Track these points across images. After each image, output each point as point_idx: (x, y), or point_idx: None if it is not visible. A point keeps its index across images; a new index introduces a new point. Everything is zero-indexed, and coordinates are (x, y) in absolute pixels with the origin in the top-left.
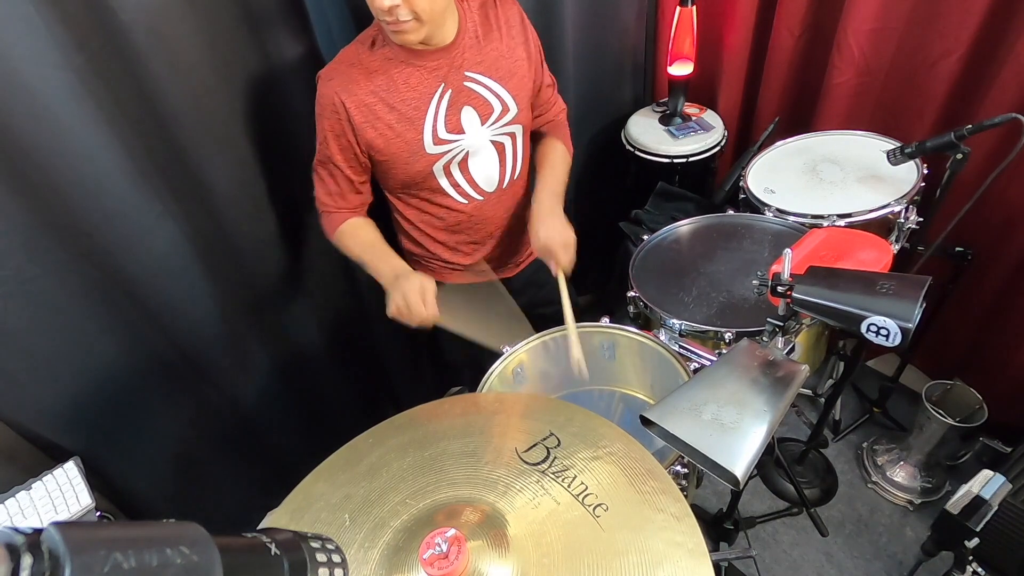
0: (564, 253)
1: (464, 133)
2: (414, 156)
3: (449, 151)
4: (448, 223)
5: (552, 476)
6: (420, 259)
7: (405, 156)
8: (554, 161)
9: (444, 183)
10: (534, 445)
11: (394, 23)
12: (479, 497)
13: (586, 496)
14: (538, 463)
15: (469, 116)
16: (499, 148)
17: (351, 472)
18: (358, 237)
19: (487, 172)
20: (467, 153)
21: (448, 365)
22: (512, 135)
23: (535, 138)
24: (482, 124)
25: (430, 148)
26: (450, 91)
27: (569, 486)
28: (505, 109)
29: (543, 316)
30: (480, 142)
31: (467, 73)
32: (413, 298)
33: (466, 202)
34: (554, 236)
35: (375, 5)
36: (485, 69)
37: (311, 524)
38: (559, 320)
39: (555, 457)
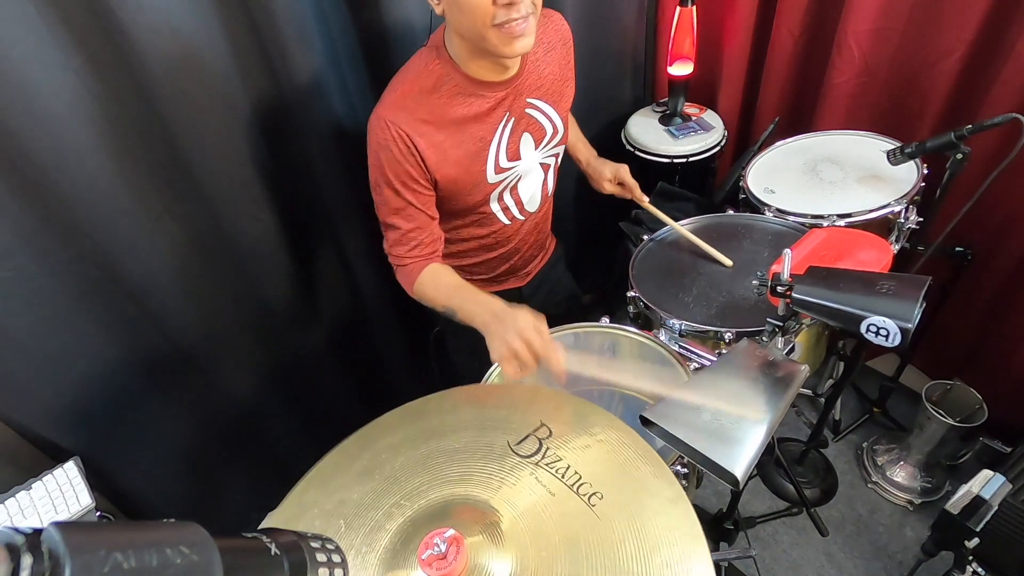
0: (636, 185)
1: (520, 159)
2: (476, 188)
3: (506, 179)
4: (486, 243)
5: (545, 467)
6: None
7: (468, 189)
8: (572, 122)
9: (495, 207)
10: (526, 437)
11: (521, 20)
12: (474, 494)
13: (580, 485)
14: (531, 455)
15: (526, 142)
16: (545, 169)
17: (343, 476)
18: (440, 283)
19: (531, 193)
20: (519, 178)
21: (446, 366)
22: (557, 155)
23: None
24: (536, 148)
25: (491, 178)
26: (513, 119)
27: (563, 476)
28: (555, 132)
29: (549, 317)
30: (531, 165)
31: (528, 100)
32: (530, 334)
33: (510, 223)
34: (620, 169)
35: (500, 2)
36: (543, 94)
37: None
38: (563, 321)
39: (547, 448)
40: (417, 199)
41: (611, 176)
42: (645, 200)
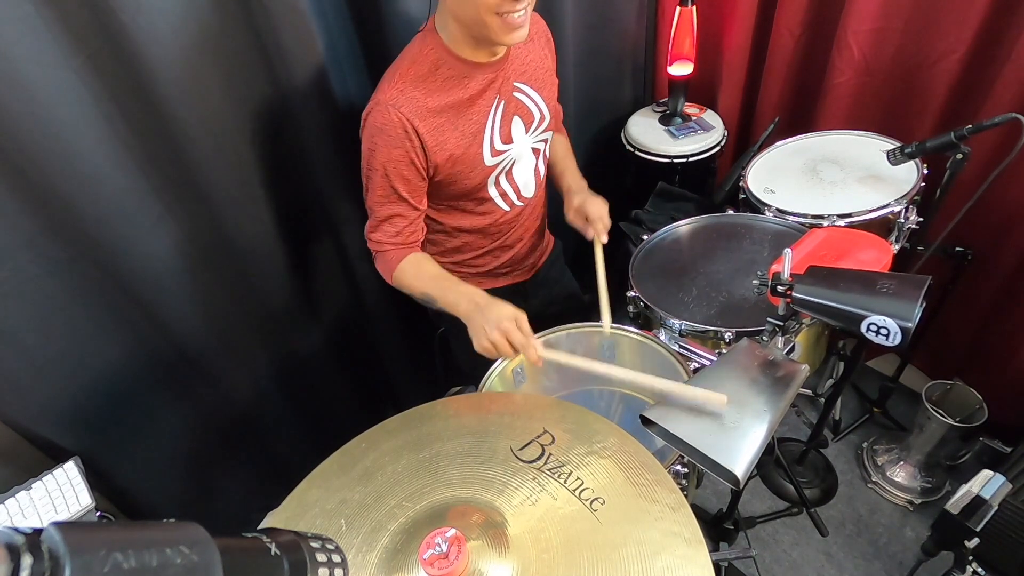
0: (601, 221)
1: (513, 143)
2: (475, 171)
3: (501, 162)
4: (488, 230)
5: (548, 473)
6: (443, 266)
7: (467, 172)
8: (568, 151)
9: (493, 192)
10: (529, 443)
11: (522, 12)
12: (476, 497)
13: (583, 491)
14: (533, 460)
15: (517, 125)
16: (536, 154)
17: (345, 477)
18: (421, 271)
19: (526, 178)
20: (513, 162)
21: (451, 365)
22: (545, 141)
23: None
24: (526, 132)
25: (488, 161)
26: (503, 102)
27: (565, 482)
28: (543, 117)
29: (551, 315)
30: (523, 150)
31: (515, 84)
32: (508, 326)
33: (509, 209)
34: (593, 204)
35: None
36: (528, 79)
37: (307, 530)
38: (563, 319)
39: (550, 454)
40: (406, 188)
41: (576, 205)
42: (599, 243)
